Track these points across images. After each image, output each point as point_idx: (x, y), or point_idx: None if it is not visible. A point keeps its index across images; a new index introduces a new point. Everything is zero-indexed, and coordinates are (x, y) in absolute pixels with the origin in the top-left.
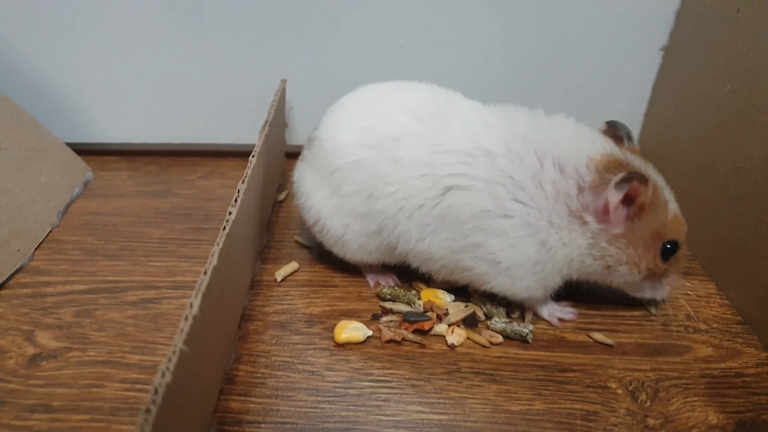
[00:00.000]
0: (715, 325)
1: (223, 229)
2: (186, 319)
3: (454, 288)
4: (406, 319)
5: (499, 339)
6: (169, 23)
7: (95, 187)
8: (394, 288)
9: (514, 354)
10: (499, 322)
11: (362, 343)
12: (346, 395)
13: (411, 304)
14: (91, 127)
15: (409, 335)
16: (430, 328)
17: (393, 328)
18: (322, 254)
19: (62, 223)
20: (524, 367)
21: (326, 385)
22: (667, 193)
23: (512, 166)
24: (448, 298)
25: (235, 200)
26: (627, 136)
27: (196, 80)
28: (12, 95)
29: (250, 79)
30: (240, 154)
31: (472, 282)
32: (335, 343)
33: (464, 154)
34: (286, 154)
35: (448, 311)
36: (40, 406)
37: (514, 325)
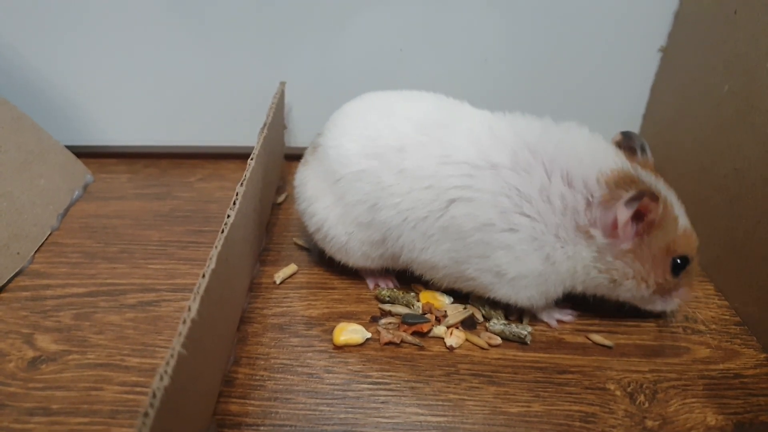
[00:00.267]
0: (714, 327)
1: (222, 231)
2: (184, 322)
3: (453, 290)
4: (405, 321)
5: (498, 341)
6: (169, 26)
7: (95, 190)
8: (393, 290)
9: (513, 356)
10: (497, 324)
11: (361, 345)
12: (345, 397)
13: (410, 306)
14: (91, 129)
15: (408, 337)
16: (429, 330)
17: (392, 330)
18: (321, 256)
19: (62, 226)
20: (523, 368)
21: (325, 388)
22: (678, 208)
23: (519, 179)
24: (446, 300)
25: (234, 203)
26: (641, 148)
27: (195, 83)
28: (11, 98)
29: (249, 81)
30: (239, 156)
31: (476, 291)
32: (334, 345)
33: (470, 166)
34: (285, 157)
35: (447, 313)
36: (40, 409)
37: (512, 326)
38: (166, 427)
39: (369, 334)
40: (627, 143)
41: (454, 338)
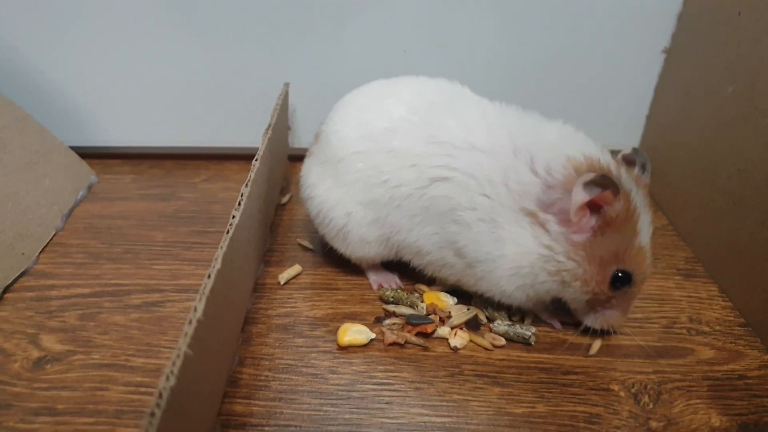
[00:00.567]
0: (718, 328)
1: (227, 232)
2: (190, 322)
3: (457, 291)
4: (409, 321)
5: (502, 342)
6: (174, 27)
7: (99, 191)
8: (397, 291)
9: (517, 356)
10: (501, 324)
11: (365, 345)
12: (350, 398)
13: (414, 306)
14: (96, 130)
15: (412, 338)
16: (433, 331)
17: (396, 330)
18: (325, 257)
19: (66, 227)
20: (527, 369)
21: (329, 388)
22: (644, 226)
23: (486, 160)
24: (450, 300)
25: (239, 203)
26: (641, 166)
27: (199, 84)
28: (16, 99)
29: (254, 82)
30: (243, 157)
31: (460, 282)
32: (338, 345)
33: (452, 146)
34: (289, 158)
35: (451, 314)
36: (45, 410)
37: (516, 327)
38: (172, 428)
39: (373, 335)
40: (630, 158)
41: (458, 339)
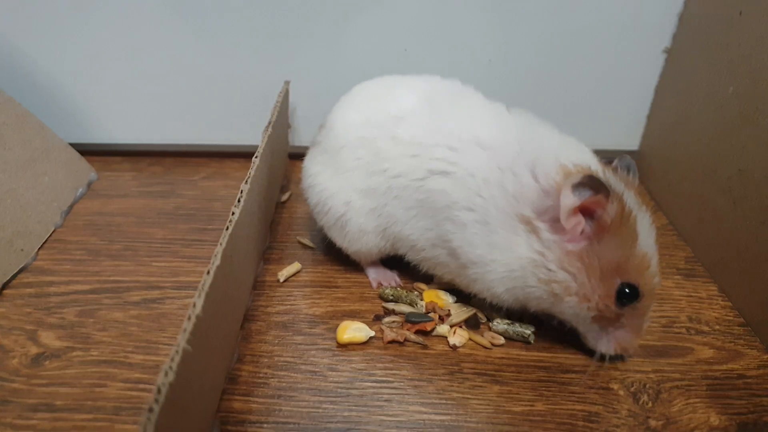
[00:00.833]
0: (717, 327)
1: (227, 229)
2: (189, 318)
3: (456, 289)
4: (409, 319)
5: (501, 340)
6: (174, 24)
7: (99, 188)
8: (397, 289)
9: (516, 355)
10: (501, 323)
11: (364, 343)
12: (349, 395)
13: (413, 305)
14: (95, 127)
15: (412, 336)
16: (432, 329)
17: (395, 328)
18: (324, 255)
19: (66, 223)
20: (526, 367)
21: (329, 386)
22: (645, 228)
23: (487, 158)
24: (450, 299)
25: (239, 201)
26: (627, 167)
27: (199, 81)
28: (16, 96)
29: (254, 80)
30: (243, 155)
31: (454, 281)
32: (338, 343)
33: (457, 139)
34: (289, 156)
35: (450, 312)
36: (43, 406)
37: (516, 326)
38: (171, 424)
39: (372, 333)
40: (617, 164)
41: (458, 337)
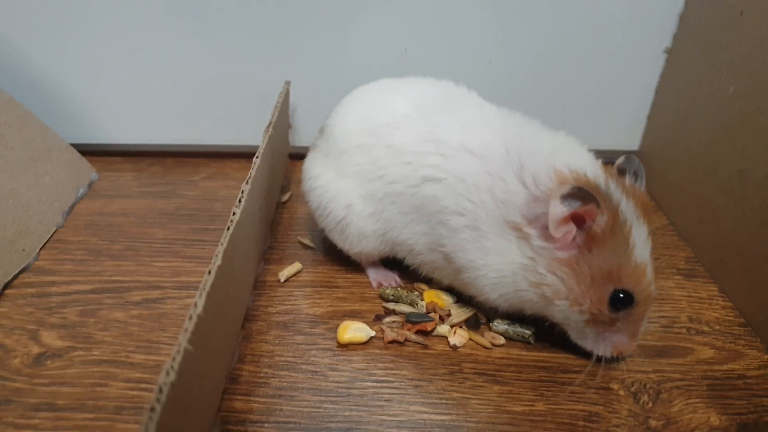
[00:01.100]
0: (718, 327)
1: (227, 229)
2: (191, 318)
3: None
4: (409, 320)
5: (501, 340)
6: (174, 25)
7: (100, 188)
8: (397, 289)
9: (517, 355)
10: (501, 323)
11: (365, 343)
12: (349, 395)
13: (414, 305)
14: (96, 128)
15: (412, 336)
16: (433, 329)
17: (396, 328)
18: (325, 255)
19: (67, 223)
20: (527, 368)
21: (329, 385)
22: (639, 240)
23: (477, 164)
24: (450, 299)
25: (239, 201)
26: (634, 174)
27: (200, 82)
28: (17, 96)
29: (255, 80)
30: (244, 155)
31: (452, 285)
32: (338, 343)
33: (447, 146)
34: (289, 156)
35: (451, 312)
36: (45, 405)
37: (516, 326)
38: (172, 423)
39: (373, 333)
40: (622, 167)
41: (458, 337)
